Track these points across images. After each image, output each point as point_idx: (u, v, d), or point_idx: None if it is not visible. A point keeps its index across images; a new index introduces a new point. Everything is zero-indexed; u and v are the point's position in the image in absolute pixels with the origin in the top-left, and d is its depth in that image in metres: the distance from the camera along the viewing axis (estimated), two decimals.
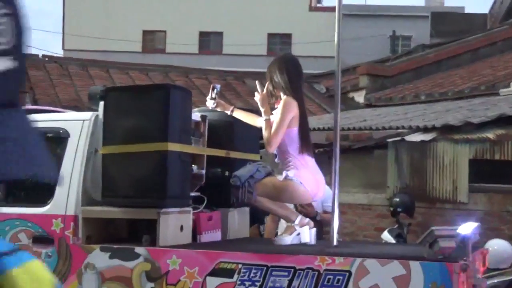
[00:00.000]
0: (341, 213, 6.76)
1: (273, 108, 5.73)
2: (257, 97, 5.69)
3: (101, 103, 5.70)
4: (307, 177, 5.53)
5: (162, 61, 23.15)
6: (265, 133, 5.56)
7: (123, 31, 38.54)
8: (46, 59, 17.99)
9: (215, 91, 5.86)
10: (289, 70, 5.69)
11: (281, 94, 5.66)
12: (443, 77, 16.20)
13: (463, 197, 9.90)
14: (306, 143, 5.62)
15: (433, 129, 10.15)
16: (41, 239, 5.54)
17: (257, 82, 5.77)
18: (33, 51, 20.64)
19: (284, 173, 5.53)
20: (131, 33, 39.14)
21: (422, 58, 17.81)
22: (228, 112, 5.93)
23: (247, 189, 5.47)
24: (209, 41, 41.50)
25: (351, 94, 16.97)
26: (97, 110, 5.79)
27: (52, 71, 16.83)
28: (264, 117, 5.61)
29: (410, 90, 15.70)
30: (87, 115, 5.78)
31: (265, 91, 5.67)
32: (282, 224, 7.06)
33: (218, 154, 6.02)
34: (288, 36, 41.35)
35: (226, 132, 6.21)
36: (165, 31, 40.57)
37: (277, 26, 41.02)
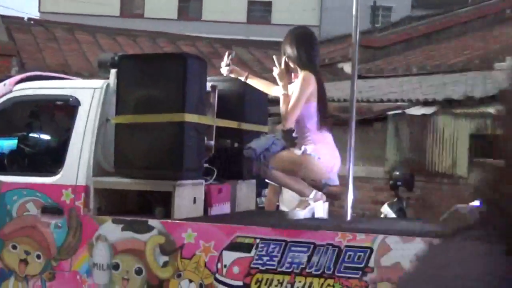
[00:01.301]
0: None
1: (290, 82, 5.63)
2: (275, 72, 5.60)
3: (112, 71, 5.57)
4: (324, 153, 5.46)
5: (140, 26, 22.89)
6: (282, 108, 5.47)
7: None
8: (32, 22, 17.66)
9: (230, 57, 5.75)
10: (301, 44, 5.59)
11: (297, 67, 5.56)
12: (433, 50, 16.14)
13: (463, 172, 9.89)
14: (325, 118, 5.53)
15: (433, 102, 10.10)
16: (51, 210, 5.42)
17: (274, 57, 5.68)
18: (8, 12, 20.30)
19: (302, 148, 5.44)
20: None
21: (412, 29, 17.73)
22: (243, 79, 5.83)
23: (262, 162, 5.39)
24: (188, 7, 41.19)
25: (340, 65, 16.86)
26: (106, 78, 5.66)
27: (38, 34, 16.53)
28: (282, 91, 5.52)
29: (401, 62, 15.62)
30: (99, 83, 5.64)
31: (282, 65, 5.57)
32: (284, 196, 7.00)
33: (230, 125, 5.91)
34: (268, 4, 41.14)
35: (235, 103, 6.09)
36: None
37: None
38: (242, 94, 6.08)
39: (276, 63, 5.59)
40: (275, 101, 5.98)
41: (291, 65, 5.60)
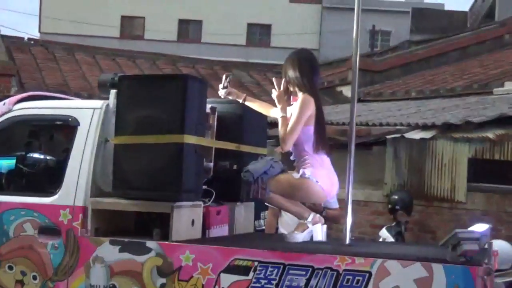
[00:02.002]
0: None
1: (289, 104, 5.63)
2: (274, 94, 5.60)
3: (112, 91, 5.57)
4: (323, 176, 5.45)
5: (140, 48, 22.96)
6: (281, 131, 5.46)
7: (101, 15, 38.25)
8: (32, 42, 17.72)
9: (228, 79, 5.75)
10: (302, 66, 5.58)
11: (297, 90, 5.56)
12: (432, 74, 16.18)
13: (461, 196, 9.87)
14: (323, 142, 5.53)
15: (432, 126, 10.10)
16: (48, 230, 5.39)
17: (274, 79, 5.67)
18: (8, 32, 20.35)
19: (300, 171, 5.43)
20: (110, 18, 38.87)
21: (410, 54, 17.79)
22: (240, 101, 5.83)
23: (260, 185, 5.35)
24: (188, 29, 41.33)
25: (339, 88, 16.89)
26: (106, 98, 5.66)
27: (38, 54, 16.58)
28: (281, 114, 5.51)
29: (400, 86, 15.67)
30: (98, 103, 5.63)
31: (282, 88, 5.57)
32: (283, 219, 6.98)
33: (229, 147, 5.89)
34: (267, 27, 41.29)
35: (234, 125, 6.08)
36: (144, 18, 40.33)
37: (257, 16, 40.96)
38: (241, 116, 6.07)
39: (275, 85, 5.59)
40: (274, 124, 5.97)
41: (291, 88, 5.60)
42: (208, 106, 5.73)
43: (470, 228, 5.44)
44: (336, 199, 6.52)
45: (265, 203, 5.85)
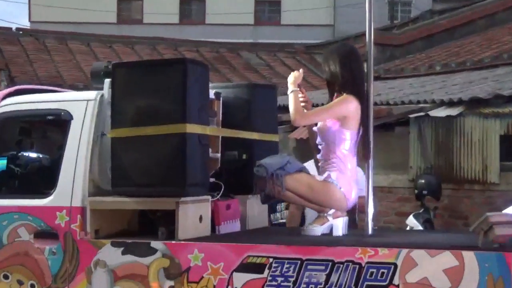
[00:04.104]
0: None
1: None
2: (292, 74, 5.60)
3: (106, 81, 5.57)
4: (347, 183, 5.44)
5: (140, 33, 22.94)
6: (294, 105, 5.44)
7: (96, 0, 38.19)
8: (20, 32, 17.75)
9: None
10: (352, 65, 5.55)
11: (338, 88, 5.54)
12: (458, 46, 16.12)
13: (494, 177, 9.84)
14: (367, 150, 5.48)
15: (459, 102, 10.06)
16: (44, 234, 5.41)
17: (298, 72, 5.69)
18: None
19: (326, 173, 5.43)
20: (105, 3, 38.83)
21: (433, 25, 17.71)
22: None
23: (275, 181, 5.32)
24: (191, 10, 41.23)
25: None
26: (100, 89, 5.66)
27: (28, 45, 16.62)
28: (290, 89, 5.49)
29: (423, 60, 15.62)
30: (91, 94, 5.63)
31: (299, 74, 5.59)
32: (308, 212, 6.94)
33: (237, 135, 5.88)
34: (277, 3, 41.13)
35: (242, 111, 6.06)
36: (142, 0, 40.27)
37: None
38: (249, 101, 6.06)
39: (297, 72, 5.60)
40: (286, 108, 5.95)
41: (335, 87, 5.57)
42: (212, 91, 5.72)
43: (503, 211, 5.42)
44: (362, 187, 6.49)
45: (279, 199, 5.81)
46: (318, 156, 5.61)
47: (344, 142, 5.47)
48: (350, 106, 5.43)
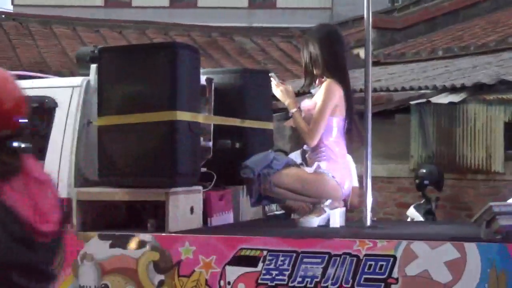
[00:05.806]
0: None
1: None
2: (277, 91, 5.65)
3: (93, 67, 5.58)
4: (338, 171, 5.46)
5: (128, 17, 22.88)
6: (300, 126, 5.50)
7: None
8: (3, 16, 17.71)
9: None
10: (333, 46, 5.57)
11: (320, 72, 5.54)
12: (461, 29, 16.10)
13: (498, 166, 9.85)
14: (358, 135, 5.53)
15: (462, 88, 10.07)
16: None
17: (271, 75, 5.73)
18: None
19: (315, 164, 5.45)
20: None
21: (435, 7, 17.69)
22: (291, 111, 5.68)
23: (262, 181, 5.34)
24: None
25: (355, 50, 16.83)
26: (86, 75, 5.67)
27: (10, 30, 16.58)
28: (291, 110, 5.53)
29: (425, 44, 15.60)
30: (77, 80, 5.65)
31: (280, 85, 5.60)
32: None
33: (229, 123, 5.90)
34: None
35: (235, 97, 6.08)
36: None
37: None
38: (242, 87, 6.07)
39: (274, 81, 5.65)
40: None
41: (315, 71, 5.57)
42: (204, 77, 5.73)
43: (508, 201, 5.45)
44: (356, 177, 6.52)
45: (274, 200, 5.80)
46: (304, 147, 5.63)
47: (332, 129, 5.50)
48: (336, 93, 5.47)
